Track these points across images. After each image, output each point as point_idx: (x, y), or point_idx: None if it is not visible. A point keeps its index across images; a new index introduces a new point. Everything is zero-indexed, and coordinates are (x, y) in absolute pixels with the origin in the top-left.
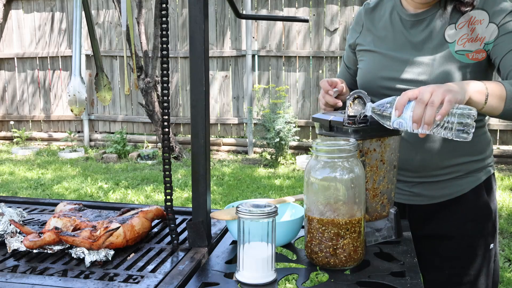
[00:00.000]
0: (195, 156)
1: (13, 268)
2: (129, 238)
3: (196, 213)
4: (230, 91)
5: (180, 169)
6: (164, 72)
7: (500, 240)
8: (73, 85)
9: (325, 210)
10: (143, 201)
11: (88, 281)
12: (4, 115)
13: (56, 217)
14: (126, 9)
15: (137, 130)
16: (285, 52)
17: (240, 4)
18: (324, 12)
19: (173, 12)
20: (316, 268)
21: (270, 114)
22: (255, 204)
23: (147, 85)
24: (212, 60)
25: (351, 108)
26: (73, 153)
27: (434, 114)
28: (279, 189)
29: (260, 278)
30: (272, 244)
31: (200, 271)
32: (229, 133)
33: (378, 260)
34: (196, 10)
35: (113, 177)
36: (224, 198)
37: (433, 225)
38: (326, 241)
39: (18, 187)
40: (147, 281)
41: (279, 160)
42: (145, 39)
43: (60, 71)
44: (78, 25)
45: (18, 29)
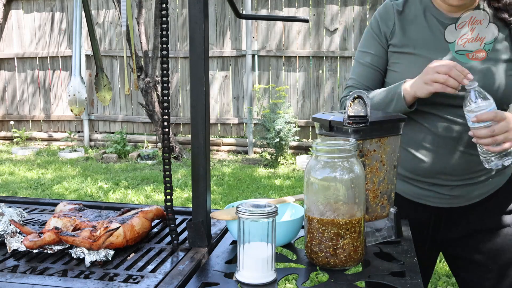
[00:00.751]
0: (195, 156)
1: (13, 268)
2: (129, 238)
3: (196, 213)
4: (230, 91)
5: (180, 169)
6: (164, 72)
7: None
8: (73, 85)
9: (325, 210)
10: (143, 201)
11: (88, 281)
12: (4, 115)
13: (56, 217)
14: (126, 9)
15: (137, 130)
16: (285, 52)
17: (240, 4)
18: (324, 12)
19: (173, 12)
20: (316, 268)
21: (270, 114)
22: (255, 204)
23: (147, 85)
24: (212, 60)
25: (351, 108)
26: (73, 153)
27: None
28: (279, 189)
29: (260, 278)
30: (272, 244)
31: (200, 271)
32: (229, 133)
33: (378, 260)
34: (196, 10)
35: (113, 177)
36: (224, 198)
37: (471, 224)
38: (326, 241)
39: (18, 187)
40: (147, 281)
41: (279, 160)
42: (145, 39)
43: (60, 71)
44: (78, 25)
45: (18, 29)
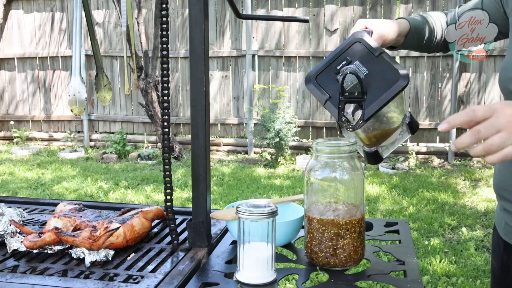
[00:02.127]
0: (195, 156)
1: (13, 268)
2: (129, 238)
3: (196, 213)
4: (230, 91)
5: (180, 169)
6: (164, 72)
7: None
8: (73, 85)
9: (325, 210)
10: (143, 201)
11: (88, 281)
12: (4, 115)
13: (56, 217)
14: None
15: (137, 130)
16: (285, 52)
17: (240, 4)
18: (324, 12)
19: (173, 12)
20: (316, 268)
21: (269, 114)
22: (255, 204)
23: (147, 85)
24: (212, 60)
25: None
26: (73, 153)
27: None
28: (279, 189)
29: (260, 278)
30: (272, 244)
31: (200, 271)
32: (229, 133)
33: (378, 260)
34: (196, 10)
35: (113, 177)
36: (224, 198)
37: None
38: (326, 241)
39: (18, 187)
40: (147, 281)
41: (279, 160)
42: (145, 39)
43: (60, 71)
44: (78, 25)
45: (18, 29)
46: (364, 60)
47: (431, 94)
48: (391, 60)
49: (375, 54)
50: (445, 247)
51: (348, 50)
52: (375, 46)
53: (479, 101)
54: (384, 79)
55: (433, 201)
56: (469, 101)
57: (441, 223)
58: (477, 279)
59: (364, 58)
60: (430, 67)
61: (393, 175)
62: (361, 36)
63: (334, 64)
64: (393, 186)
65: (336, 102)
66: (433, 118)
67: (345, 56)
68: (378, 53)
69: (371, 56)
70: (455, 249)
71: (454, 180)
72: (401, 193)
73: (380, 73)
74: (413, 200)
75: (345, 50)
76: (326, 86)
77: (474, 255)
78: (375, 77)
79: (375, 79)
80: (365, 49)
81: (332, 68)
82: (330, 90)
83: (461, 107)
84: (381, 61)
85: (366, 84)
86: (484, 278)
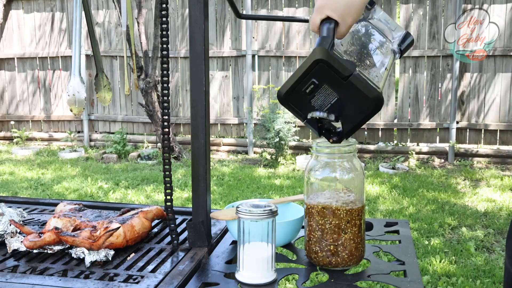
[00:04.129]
0: (195, 156)
1: (13, 268)
2: (129, 238)
3: (196, 213)
4: (230, 91)
5: (180, 169)
6: (164, 72)
7: (500, 240)
8: (73, 85)
9: (326, 201)
10: (143, 201)
11: (88, 281)
12: (4, 115)
13: (56, 217)
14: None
15: (137, 130)
16: (285, 52)
17: (240, 4)
18: None
19: (173, 12)
20: (316, 268)
21: (269, 114)
22: (255, 204)
23: (147, 85)
24: (212, 60)
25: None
26: (73, 153)
27: None
28: (279, 189)
29: (260, 278)
30: (272, 244)
31: (200, 271)
32: (229, 133)
33: (378, 260)
34: (196, 10)
35: (113, 177)
36: (224, 198)
37: None
38: (326, 241)
39: (18, 187)
40: (147, 281)
41: (279, 160)
42: (145, 39)
43: (60, 71)
44: (78, 25)
45: (18, 29)
46: (332, 84)
47: (431, 94)
48: (361, 81)
49: (343, 78)
50: (445, 247)
51: (314, 71)
52: (341, 65)
53: (480, 101)
54: (355, 103)
55: (433, 201)
56: (469, 101)
57: (441, 223)
58: (477, 279)
59: (332, 81)
60: (430, 67)
61: (393, 175)
62: (320, 57)
63: (300, 87)
64: (393, 186)
65: (314, 122)
66: (433, 118)
67: (311, 78)
68: (346, 76)
69: (339, 80)
70: (455, 249)
71: (454, 180)
72: (401, 193)
73: (351, 98)
74: (413, 200)
75: (309, 71)
76: (300, 107)
77: (474, 255)
78: (346, 101)
79: (346, 103)
80: (331, 71)
81: (301, 91)
82: (304, 111)
83: (461, 107)
84: (350, 85)
85: (339, 111)
86: (484, 278)
